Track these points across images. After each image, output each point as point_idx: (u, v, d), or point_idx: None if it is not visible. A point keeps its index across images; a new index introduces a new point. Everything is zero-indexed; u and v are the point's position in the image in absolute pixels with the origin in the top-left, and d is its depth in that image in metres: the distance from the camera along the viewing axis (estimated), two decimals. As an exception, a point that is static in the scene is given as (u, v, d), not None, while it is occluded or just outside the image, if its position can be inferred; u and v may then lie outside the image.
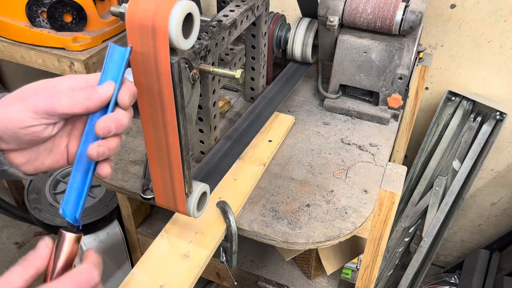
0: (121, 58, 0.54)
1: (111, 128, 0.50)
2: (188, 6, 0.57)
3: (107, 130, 0.50)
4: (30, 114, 0.50)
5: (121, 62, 0.53)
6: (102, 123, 0.50)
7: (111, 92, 0.52)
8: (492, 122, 1.53)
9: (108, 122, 0.50)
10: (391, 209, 0.93)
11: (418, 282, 1.67)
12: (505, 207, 1.81)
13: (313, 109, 1.23)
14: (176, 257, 0.79)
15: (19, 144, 0.52)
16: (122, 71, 0.53)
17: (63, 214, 0.53)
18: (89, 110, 0.51)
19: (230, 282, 1.23)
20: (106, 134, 0.51)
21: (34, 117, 0.50)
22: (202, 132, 1.01)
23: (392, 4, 1.07)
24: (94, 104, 0.51)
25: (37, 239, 2.17)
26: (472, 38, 1.50)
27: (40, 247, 0.50)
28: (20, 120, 0.49)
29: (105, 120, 0.51)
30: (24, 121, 0.49)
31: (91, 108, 0.51)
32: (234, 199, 0.90)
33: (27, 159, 0.54)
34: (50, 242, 0.51)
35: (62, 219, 1.39)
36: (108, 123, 0.50)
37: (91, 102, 0.51)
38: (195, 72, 0.71)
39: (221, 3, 1.19)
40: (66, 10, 1.33)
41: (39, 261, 0.49)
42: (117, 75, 0.53)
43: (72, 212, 0.53)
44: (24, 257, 0.49)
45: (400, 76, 1.12)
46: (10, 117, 0.49)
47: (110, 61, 0.54)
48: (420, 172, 1.71)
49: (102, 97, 0.51)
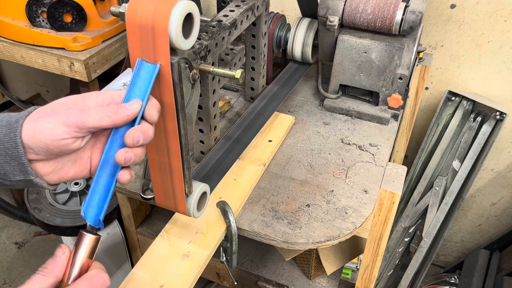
0: (149, 75, 0.56)
1: (139, 139, 0.55)
2: (188, 6, 0.57)
3: (136, 141, 0.54)
4: (61, 127, 0.53)
5: (149, 78, 0.56)
6: (132, 133, 0.54)
7: (138, 109, 0.55)
8: (492, 122, 1.53)
9: (137, 133, 0.54)
10: (391, 209, 0.93)
11: (418, 282, 1.67)
12: (505, 207, 1.81)
13: (313, 109, 1.23)
14: (176, 257, 0.79)
15: (48, 155, 0.54)
16: (150, 87, 0.56)
17: (84, 216, 0.55)
18: (116, 124, 0.55)
19: (230, 282, 1.23)
20: (135, 144, 0.55)
21: (66, 130, 0.53)
22: (202, 132, 1.01)
23: (392, 4, 1.07)
24: (121, 119, 0.55)
25: (36, 239, 2.17)
26: (472, 38, 1.50)
27: (57, 254, 0.52)
28: (52, 133, 0.52)
29: (134, 131, 0.55)
30: (56, 134, 0.52)
31: (117, 122, 0.55)
32: (234, 199, 0.90)
33: (53, 169, 0.56)
34: (67, 249, 0.53)
35: (62, 219, 1.39)
36: (137, 134, 0.54)
37: (118, 117, 0.54)
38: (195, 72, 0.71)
39: (221, 3, 1.19)
40: (66, 10, 1.33)
41: (58, 269, 0.51)
42: (145, 91, 0.56)
43: (95, 215, 0.55)
44: (43, 266, 0.51)
45: (400, 76, 1.12)
46: (43, 130, 0.52)
47: (137, 76, 0.56)
48: (420, 172, 1.71)
49: (130, 113, 0.55)
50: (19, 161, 0.53)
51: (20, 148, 0.52)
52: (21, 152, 0.52)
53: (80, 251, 0.53)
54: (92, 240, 0.54)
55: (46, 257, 2.07)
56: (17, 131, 0.52)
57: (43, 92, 2.47)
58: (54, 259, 0.52)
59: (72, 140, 0.54)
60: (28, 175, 0.54)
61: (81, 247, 0.53)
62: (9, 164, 0.53)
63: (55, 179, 0.57)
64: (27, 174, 0.54)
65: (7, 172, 0.54)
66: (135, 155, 0.55)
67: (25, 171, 0.54)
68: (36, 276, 0.50)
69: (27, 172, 0.54)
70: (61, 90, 2.44)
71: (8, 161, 0.53)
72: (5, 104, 2.17)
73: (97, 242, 0.54)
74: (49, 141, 0.53)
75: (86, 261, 0.53)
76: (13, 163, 0.53)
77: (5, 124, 0.53)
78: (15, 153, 0.52)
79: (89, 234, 0.54)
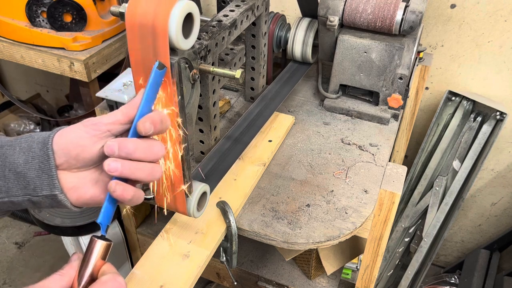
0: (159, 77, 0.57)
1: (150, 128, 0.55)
2: (188, 6, 0.57)
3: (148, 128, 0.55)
4: (80, 127, 0.56)
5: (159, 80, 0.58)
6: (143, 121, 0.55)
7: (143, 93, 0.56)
8: (492, 122, 1.53)
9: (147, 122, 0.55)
10: (391, 209, 0.93)
11: (418, 282, 1.67)
12: (505, 207, 1.81)
13: (313, 109, 1.23)
14: (176, 257, 0.79)
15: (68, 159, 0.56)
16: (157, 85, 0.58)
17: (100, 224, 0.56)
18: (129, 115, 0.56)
19: (230, 282, 1.23)
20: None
21: (84, 129, 0.56)
22: (202, 132, 1.01)
23: (392, 4, 1.07)
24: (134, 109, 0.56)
25: (36, 239, 2.17)
26: (472, 38, 1.50)
27: (73, 259, 0.54)
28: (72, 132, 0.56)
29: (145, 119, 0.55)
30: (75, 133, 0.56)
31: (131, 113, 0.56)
32: (234, 199, 0.90)
33: (74, 184, 0.57)
34: (82, 255, 0.54)
35: (62, 219, 1.39)
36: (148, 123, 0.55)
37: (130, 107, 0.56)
38: (195, 72, 0.71)
39: (221, 3, 1.19)
40: (66, 10, 1.33)
41: (74, 272, 0.53)
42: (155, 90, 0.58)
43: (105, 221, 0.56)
44: (60, 269, 0.53)
45: (400, 76, 1.11)
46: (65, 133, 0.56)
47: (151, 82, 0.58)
48: (420, 172, 1.70)
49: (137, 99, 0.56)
50: (49, 173, 0.55)
51: (52, 160, 0.55)
52: (52, 164, 0.55)
53: (92, 256, 0.53)
54: (104, 246, 0.54)
55: (46, 257, 2.08)
56: (49, 144, 0.55)
57: (43, 92, 2.47)
58: (70, 263, 0.54)
59: (91, 141, 0.55)
60: (54, 189, 0.55)
61: (93, 253, 0.53)
62: (40, 178, 0.55)
63: (74, 197, 0.58)
64: (53, 188, 0.55)
65: (36, 186, 0.56)
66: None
67: (52, 185, 0.55)
68: (54, 276, 0.52)
69: (53, 185, 0.55)
70: (61, 90, 2.44)
71: (39, 174, 0.55)
72: (5, 104, 2.17)
73: (109, 248, 0.55)
74: (69, 141, 0.55)
75: (98, 267, 0.53)
76: (43, 176, 0.55)
77: (41, 140, 0.56)
78: (47, 166, 0.55)
79: (100, 240, 0.54)
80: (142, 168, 0.55)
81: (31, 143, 0.56)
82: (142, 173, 0.55)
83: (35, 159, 0.55)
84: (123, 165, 0.54)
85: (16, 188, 0.56)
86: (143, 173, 0.55)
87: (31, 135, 0.57)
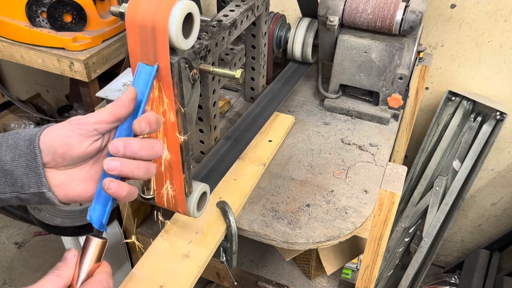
0: (148, 75, 0.58)
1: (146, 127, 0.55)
2: (188, 6, 0.57)
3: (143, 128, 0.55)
4: (66, 126, 0.56)
5: (148, 78, 0.58)
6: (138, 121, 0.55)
7: (133, 95, 0.56)
8: (492, 122, 1.53)
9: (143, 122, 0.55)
10: (391, 209, 0.93)
11: (418, 282, 1.67)
12: (505, 207, 1.81)
13: (313, 109, 1.23)
14: (176, 257, 0.79)
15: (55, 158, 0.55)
16: (149, 85, 0.58)
17: (90, 220, 0.56)
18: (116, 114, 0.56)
19: (230, 282, 1.23)
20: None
21: (69, 128, 0.55)
22: (202, 132, 1.01)
23: (392, 4, 1.07)
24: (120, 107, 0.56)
25: (36, 239, 2.17)
26: (472, 38, 1.50)
27: (67, 257, 0.53)
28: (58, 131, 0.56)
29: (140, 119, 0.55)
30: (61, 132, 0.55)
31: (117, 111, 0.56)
32: (234, 199, 0.90)
33: (62, 181, 0.57)
34: (77, 252, 0.54)
35: (62, 219, 1.39)
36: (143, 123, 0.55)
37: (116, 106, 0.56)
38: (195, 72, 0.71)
39: (221, 3, 1.19)
40: (66, 10, 1.33)
41: (69, 271, 0.52)
42: (144, 89, 0.58)
43: (99, 218, 0.56)
44: (55, 268, 0.52)
45: (400, 76, 1.11)
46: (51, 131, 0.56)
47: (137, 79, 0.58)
48: (420, 172, 1.70)
49: (126, 99, 0.56)
50: (36, 171, 0.55)
51: (39, 158, 0.55)
52: (39, 162, 0.55)
53: (87, 255, 0.53)
54: (99, 244, 0.54)
55: (46, 257, 2.08)
56: (36, 142, 0.55)
57: (43, 92, 2.47)
58: (65, 261, 0.53)
59: (77, 140, 0.55)
60: (42, 187, 0.55)
61: (88, 251, 0.53)
62: (27, 176, 0.55)
63: (62, 194, 0.57)
64: (41, 186, 0.55)
65: (24, 184, 0.55)
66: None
67: (40, 182, 0.55)
68: (49, 276, 0.51)
69: (41, 183, 0.55)
70: (61, 90, 2.44)
71: (27, 172, 0.55)
72: (5, 104, 2.17)
73: (104, 246, 0.55)
74: (55, 140, 0.55)
75: (94, 265, 0.54)
76: (31, 174, 0.55)
77: (27, 138, 0.56)
78: (34, 164, 0.55)
79: (96, 238, 0.54)
80: (139, 166, 0.56)
81: (18, 141, 0.56)
82: (139, 171, 0.56)
83: (22, 157, 0.55)
84: (122, 164, 0.54)
85: (4, 185, 0.56)
86: (140, 171, 0.56)
87: (18, 132, 0.57)
